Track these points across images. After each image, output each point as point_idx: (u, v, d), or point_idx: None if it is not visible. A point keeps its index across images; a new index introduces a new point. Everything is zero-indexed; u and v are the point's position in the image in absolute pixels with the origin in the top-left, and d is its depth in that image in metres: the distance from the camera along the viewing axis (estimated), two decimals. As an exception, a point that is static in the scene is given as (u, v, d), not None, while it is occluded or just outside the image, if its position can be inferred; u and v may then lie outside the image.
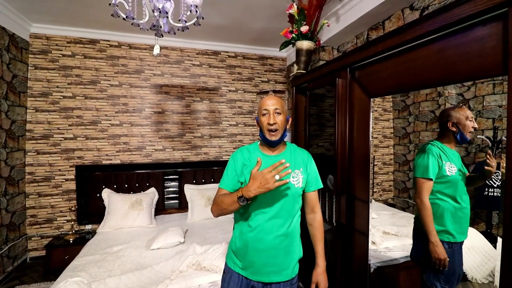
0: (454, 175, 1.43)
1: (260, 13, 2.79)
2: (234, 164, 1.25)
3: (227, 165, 1.29)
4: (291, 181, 1.21)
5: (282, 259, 1.21)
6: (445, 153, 1.45)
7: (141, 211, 2.96)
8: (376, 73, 1.39)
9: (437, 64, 1.08)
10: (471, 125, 1.40)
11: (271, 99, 1.23)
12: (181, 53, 3.57)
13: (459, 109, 1.45)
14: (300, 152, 1.32)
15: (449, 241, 1.45)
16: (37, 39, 3.08)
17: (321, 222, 1.36)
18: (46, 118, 3.11)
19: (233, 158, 1.28)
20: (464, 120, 1.41)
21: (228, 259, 1.30)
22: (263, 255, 1.18)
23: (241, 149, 1.30)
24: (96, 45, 3.25)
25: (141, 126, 3.43)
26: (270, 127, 1.19)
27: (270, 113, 1.20)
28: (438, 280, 1.48)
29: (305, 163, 1.29)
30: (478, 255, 1.71)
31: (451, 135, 1.44)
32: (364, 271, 1.50)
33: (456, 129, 1.42)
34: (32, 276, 2.75)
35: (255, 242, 1.18)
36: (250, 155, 1.26)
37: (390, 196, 2.57)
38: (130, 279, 1.84)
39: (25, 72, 3.02)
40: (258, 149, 1.29)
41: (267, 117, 1.20)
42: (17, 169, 2.91)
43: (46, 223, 3.13)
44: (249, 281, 1.23)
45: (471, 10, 0.91)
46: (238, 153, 1.28)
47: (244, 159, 1.25)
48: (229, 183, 1.24)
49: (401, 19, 2.20)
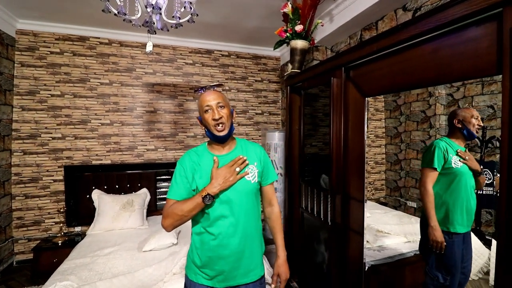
0: (460, 168, 1.51)
1: (253, 12, 2.78)
2: (184, 171, 1.16)
3: (175, 173, 1.18)
4: (247, 178, 1.18)
5: (248, 260, 1.18)
6: (452, 147, 1.54)
7: (133, 212, 2.90)
8: (370, 73, 1.40)
9: (431, 64, 1.09)
10: (476, 123, 1.48)
11: (210, 94, 1.17)
12: (174, 52, 3.52)
13: (465, 109, 1.55)
14: (252, 146, 1.28)
15: (448, 231, 1.52)
16: (24, 36, 2.98)
17: (278, 215, 1.36)
18: (33, 117, 3.02)
19: (181, 164, 1.18)
20: (469, 118, 1.49)
21: (188, 271, 1.21)
22: (230, 261, 1.14)
23: (189, 153, 1.22)
24: (85, 42, 3.17)
25: (133, 126, 3.37)
26: (216, 122, 1.14)
27: (213, 108, 1.14)
28: (440, 272, 1.54)
29: (259, 157, 1.25)
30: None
31: (458, 131, 1.53)
32: (359, 269, 1.50)
33: (462, 126, 1.51)
34: (19, 280, 2.67)
35: (220, 250, 1.13)
36: (200, 158, 1.19)
37: (382, 195, 2.60)
38: (122, 282, 1.80)
39: (11, 69, 2.92)
40: (207, 150, 1.22)
41: (211, 113, 1.14)
42: (3, 169, 2.81)
43: (34, 226, 3.03)
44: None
45: (465, 11, 0.92)
46: (186, 158, 1.19)
47: (193, 163, 1.17)
48: (180, 192, 1.14)
49: (394, 19, 2.22)
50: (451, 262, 1.52)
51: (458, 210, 1.54)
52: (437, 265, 1.56)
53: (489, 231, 1.67)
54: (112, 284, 1.76)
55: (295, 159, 2.30)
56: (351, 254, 1.57)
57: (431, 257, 1.60)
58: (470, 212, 1.54)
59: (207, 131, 1.19)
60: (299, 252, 2.25)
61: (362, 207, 1.49)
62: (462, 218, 1.53)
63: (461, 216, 1.53)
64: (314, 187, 1.96)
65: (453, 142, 1.55)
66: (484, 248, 1.71)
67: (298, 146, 2.25)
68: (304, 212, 2.14)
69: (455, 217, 1.53)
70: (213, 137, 1.17)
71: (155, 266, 1.99)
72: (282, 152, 3.56)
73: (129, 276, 1.87)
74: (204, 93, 1.19)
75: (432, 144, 1.61)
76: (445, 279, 1.53)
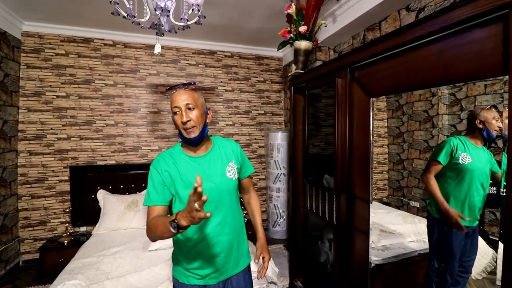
0: (467, 164, 1.56)
1: (256, 12, 2.79)
2: (160, 175, 1.09)
3: (149, 178, 1.11)
4: (228, 176, 1.17)
5: (236, 252, 1.21)
6: (465, 145, 1.59)
7: (137, 212, 2.93)
8: (375, 73, 1.41)
9: (437, 65, 1.10)
10: (496, 125, 1.52)
11: (180, 94, 1.08)
12: (177, 53, 3.55)
13: (487, 110, 1.57)
14: (228, 143, 1.26)
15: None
16: (29, 38, 3.01)
17: (257, 198, 1.41)
18: (39, 118, 3.04)
19: (156, 168, 1.11)
20: (491, 119, 1.53)
21: (176, 273, 1.18)
22: (221, 257, 1.15)
23: (162, 155, 1.14)
24: (90, 44, 3.20)
25: (137, 126, 3.39)
26: (184, 125, 1.07)
27: (182, 110, 1.06)
28: (436, 258, 1.63)
29: (236, 154, 1.24)
30: (474, 251, 1.75)
31: (478, 132, 1.57)
32: (365, 268, 1.52)
33: (483, 127, 1.55)
34: (26, 280, 2.69)
35: (211, 249, 1.12)
36: (174, 159, 1.12)
37: (385, 195, 2.61)
38: (129, 281, 1.82)
39: (17, 71, 2.95)
40: (182, 151, 1.15)
41: (180, 116, 1.07)
42: (9, 170, 2.84)
43: (39, 226, 3.06)
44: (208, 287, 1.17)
45: (470, 12, 0.93)
46: (161, 161, 1.12)
47: (168, 166, 1.10)
48: (157, 198, 1.08)
49: (398, 20, 2.23)
50: (447, 250, 1.60)
51: (459, 204, 1.59)
52: (435, 251, 1.65)
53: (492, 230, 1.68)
54: (119, 283, 1.78)
55: (299, 159, 2.32)
56: (356, 253, 1.59)
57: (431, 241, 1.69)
58: (472, 208, 1.59)
59: (179, 133, 1.13)
60: (303, 252, 2.26)
61: (367, 207, 1.50)
62: (463, 212, 1.59)
63: (461, 210, 1.59)
64: (318, 187, 1.97)
65: (468, 140, 1.60)
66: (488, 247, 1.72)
67: (302, 146, 2.27)
68: (308, 212, 2.15)
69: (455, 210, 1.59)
70: (184, 139, 1.12)
71: (160, 265, 2.01)
72: (285, 152, 3.58)
73: (135, 275, 1.89)
74: (175, 93, 1.11)
75: (445, 140, 1.69)
76: (440, 265, 1.62)
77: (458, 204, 1.60)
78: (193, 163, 1.13)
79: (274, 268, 2.12)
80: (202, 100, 1.15)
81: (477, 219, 1.60)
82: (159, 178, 1.09)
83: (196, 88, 1.14)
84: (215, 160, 1.17)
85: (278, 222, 3.67)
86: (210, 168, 1.15)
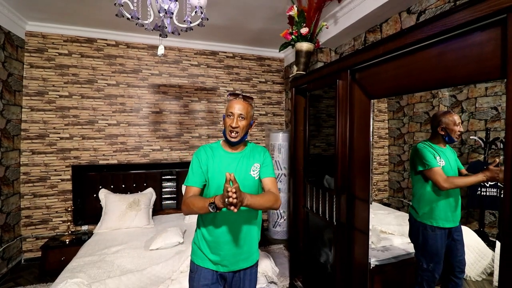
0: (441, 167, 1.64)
1: (258, 14, 2.81)
2: (199, 162, 1.31)
3: (191, 163, 1.33)
4: (252, 174, 1.35)
5: (248, 246, 1.35)
6: (435, 150, 1.69)
7: (139, 211, 2.94)
8: (376, 75, 1.43)
9: (437, 67, 1.12)
10: (457, 129, 1.62)
11: (239, 103, 1.31)
12: (179, 53, 3.57)
13: (448, 115, 1.65)
14: (258, 148, 1.44)
15: (432, 225, 1.68)
16: (33, 37, 3.04)
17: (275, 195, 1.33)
18: (41, 117, 3.07)
19: (197, 156, 1.34)
20: (452, 125, 1.63)
21: (195, 257, 1.35)
22: (233, 246, 1.30)
23: (204, 147, 1.37)
24: (93, 44, 3.22)
25: (139, 126, 3.41)
26: (232, 129, 1.29)
27: (235, 117, 1.29)
28: (424, 258, 1.71)
29: (262, 158, 1.40)
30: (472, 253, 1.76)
31: (440, 137, 1.68)
32: (365, 269, 1.53)
33: (445, 133, 1.66)
34: (28, 278, 2.71)
35: (226, 235, 1.29)
36: (213, 152, 1.35)
37: (385, 196, 2.62)
38: (131, 279, 1.84)
39: (21, 70, 2.98)
40: (221, 147, 1.37)
41: (231, 120, 1.29)
42: (12, 169, 2.86)
43: (41, 224, 3.08)
44: (219, 274, 1.31)
45: (470, 16, 0.94)
46: (202, 151, 1.34)
47: (207, 157, 1.33)
48: (196, 179, 1.30)
49: (399, 22, 2.25)
50: (433, 251, 1.68)
51: (440, 206, 1.68)
52: (422, 252, 1.72)
53: (492, 232, 1.70)
54: (121, 282, 1.80)
55: (299, 159, 2.33)
56: (356, 253, 1.60)
57: (417, 243, 1.76)
58: (453, 208, 1.68)
59: (223, 131, 1.34)
60: (304, 252, 2.27)
61: (367, 207, 1.51)
62: (446, 213, 1.67)
63: (444, 212, 1.67)
64: (319, 187, 1.98)
65: (435, 145, 1.71)
66: (488, 249, 1.73)
67: (302, 147, 2.28)
68: (309, 212, 2.17)
69: (437, 213, 1.67)
70: (226, 139, 1.33)
71: (162, 264, 2.02)
72: (286, 153, 3.59)
73: (137, 274, 1.90)
74: (235, 100, 1.32)
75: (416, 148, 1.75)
76: (428, 265, 1.69)
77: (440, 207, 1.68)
78: (227, 157, 1.34)
79: (274, 268, 2.13)
80: (252, 113, 1.37)
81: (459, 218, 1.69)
82: (198, 164, 1.30)
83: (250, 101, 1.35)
84: (243, 160, 1.36)
85: (278, 222, 3.69)
86: (238, 165, 1.34)
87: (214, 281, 1.30)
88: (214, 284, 1.30)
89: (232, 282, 1.34)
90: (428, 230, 1.68)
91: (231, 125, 1.28)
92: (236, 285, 1.35)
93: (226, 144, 1.36)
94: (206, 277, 1.29)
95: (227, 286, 1.35)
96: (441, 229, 1.67)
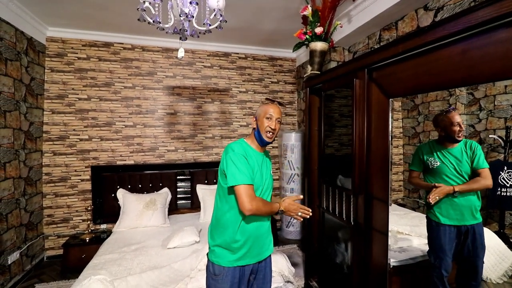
0: (435, 168, 1.74)
1: (271, 14, 2.82)
2: (246, 160, 1.34)
3: (237, 161, 1.31)
4: (271, 173, 1.51)
5: (270, 237, 1.50)
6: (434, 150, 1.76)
7: (155, 210, 3.01)
8: (395, 74, 1.41)
9: (460, 65, 1.10)
10: (457, 129, 1.64)
11: (277, 108, 1.43)
12: (193, 55, 3.62)
13: (446, 116, 1.69)
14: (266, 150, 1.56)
15: (435, 220, 1.74)
16: (53, 43, 3.15)
17: None
18: (62, 119, 3.18)
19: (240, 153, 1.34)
20: (450, 126, 1.66)
21: (220, 260, 1.33)
22: (261, 238, 1.42)
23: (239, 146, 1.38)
24: (110, 48, 3.32)
25: (154, 127, 3.49)
26: (271, 130, 1.39)
27: (273, 120, 1.40)
28: (431, 252, 1.77)
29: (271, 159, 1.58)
30: (492, 255, 1.72)
31: (443, 137, 1.74)
32: (384, 270, 1.52)
33: (445, 133, 1.71)
34: (50, 275, 2.82)
35: (257, 230, 1.39)
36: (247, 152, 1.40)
37: (400, 196, 2.58)
38: (150, 277, 1.89)
39: (42, 74, 3.10)
40: (249, 145, 1.44)
41: (271, 122, 1.39)
42: (35, 169, 2.98)
43: (63, 223, 3.19)
44: (244, 268, 1.37)
45: (496, 13, 0.93)
46: (240, 149, 1.36)
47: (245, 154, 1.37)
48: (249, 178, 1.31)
49: (415, 19, 2.21)
50: (437, 246, 1.73)
51: (442, 204, 1.71)
52: (429, 246, 1.79)
53: (515, 234, 1.65)
54: (142, 279, 1.85)
55: (314, 159, 2.33)
56: (374, 254, 1.59)
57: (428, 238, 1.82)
58: (456, 207, 1.68)
59: (256, 131, 1.42)
60: (319, 252, 2.27)
61: (386, 207, 1.50)
62: (448, 212, 1.70)
63: (445, 210, 1.70)
64: (335, 187, 1.98)
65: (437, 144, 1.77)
66: (509, 251, 1.68)
67: (317, 147, 2.28)
68: (324, 212, 2.16)
69: (440, 210, 1.72)
70: (260, 139, 1.41)
71: (180, 262, 2.06)
72: (299, 153, 3.58)
73: (156, 272, 1.95)
74: (272, 104, 1.45)
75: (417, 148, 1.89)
76: (435, 260, 1.72)
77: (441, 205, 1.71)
78: (258, 157, 1.43)
79: (290, 267, 2.14)
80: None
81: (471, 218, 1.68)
82: (245, 162, 1.32)
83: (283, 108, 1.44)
84: (267, 160, 1.52)
85: (292, 223, 3.69)
86: (265, 164, 1.47)
87: (241, 277, 1.36)
88: (241, 280, 1.36)
89: (257, 271, 1.43)
90: (433, 225, 1.74)
91: (270, 126, 1.38)
92: (261, 273, 1.44)
93: (255, 144, 1.44)
94: (234, 275, 1.33)
95: (251, 278, 1.43)
96: (444, 226, 1.70)
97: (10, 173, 2.57)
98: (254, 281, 1.44)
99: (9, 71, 2.55)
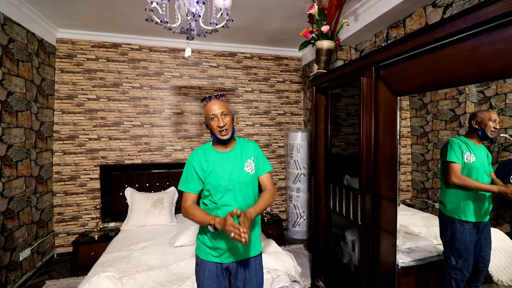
0: (471, 163, 1.65)
1: (277, 14, 2.82)
2: (194, 168, 1.35)
3: (186, 170, 1.37)
4: (246, 170, 1.38)
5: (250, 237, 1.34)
6: (467, 145, 1.69)
7: (163, 209, 3.04)
8: (403, 72, 1.40)
9: (469, 62, 1.08)
10: (492, 126, 1.60)
11: (215, 104, 1.34)
12: (199, 55, 3.65)
13: (485, 112, 1.65)
14: (248, 143, 1.48)
15: (460, 219, 1.67)
16: (63, 44, 3.21)
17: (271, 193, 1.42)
18: (72, 119, 3.24)
19: (191, 162, 1.36)
20: (487, 120, 1.61)
21: (199, 251, 1.40)
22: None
23: (196, 152, 1.40)
24: (118, 49, 3.36)
25: (161, 127, 3.52)
26: (221, 129, 1.32)
27: (218, 117, 1.32)
28: (452, 254, 1.70)
29: (255, 152, 1.45)
30: (504, 256, 1.69)
31: (474, 132, 1.66)
32: (392, 270, 1.50)
33: (478, 127, 1.64)
34: (60, 271, 2.87)
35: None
36: (206, 154, 1.38)
37: (408, 197, 2.55)
38: (158, 274, 1.91)
39: (52, 75, 3.16)
40: (212, 148, 1.41)
41: (216, 121, 1.32)
42: (46, 168, 3.05)
43: (72, 221, 3.26)
44: (223, 265, 1.36)
45: (507, 8, 0.91)
46: (195, 156, 1.38)
47: (201, 160, 1.36)
48: (192, 186, 1.35)
49: (423, 16, 2.18)
50: (462, 246, 1.66)
51: (469, 200, 1.66)
52: (450, 248, 1.71)
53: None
54: (149, 277, 1.87)
55: (320, 159, 2.32)
56: (382, 254, 1.57)
57: (446, 239, 1.75)
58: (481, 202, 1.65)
59: (212, 135, 1.38)
60: (325, 252, 2.26)
61: (394, 207, 1.48)
62: (475, 208, 1.65)
63: (471, 206, 1.65)
64: (342, 187, 1.96)
65: (468, 141, 1.70)
66: (519, 252, 1.65)
67: (323, 146, 2.27)
68: (331, 212, 2.15)
69: (466, 207, 1.66)
70: (218, 140, 1.37)
71: (187, 260, 2.08)
72: (305, 152, 3.57)
73: (163, 269, 1.97)
74: (210, 102, 1.35)
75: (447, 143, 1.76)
76: (457, 261, 1.67)
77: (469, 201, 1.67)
78: (220, 157, 1.38)
79: (297, 267, 2.13)
80: (230, 108, 1.41)
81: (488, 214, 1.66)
82: (193, 170, 1.35)
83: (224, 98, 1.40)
84: (236, 157, 1.40)
85: (298, 222, 3.68)
86: (232, 162, 1.38)
87: (219, 273, 1.36)
88: (219, 276, 1.36)
89: (237, 273, 1.38)
90: (457, 225, 1.68)
91: (218, 126, 1.32)
92: (242, 276, 1.39)
93: (218, 144, 1.40)
94: (210, 269, 1.35)
95: (232, 278, 1.39)
96: (469, 223, 1.65)
97: (22, 172, 2.63)
98: (235, 282, 1.39)
99: (21, 72, 2.61)
